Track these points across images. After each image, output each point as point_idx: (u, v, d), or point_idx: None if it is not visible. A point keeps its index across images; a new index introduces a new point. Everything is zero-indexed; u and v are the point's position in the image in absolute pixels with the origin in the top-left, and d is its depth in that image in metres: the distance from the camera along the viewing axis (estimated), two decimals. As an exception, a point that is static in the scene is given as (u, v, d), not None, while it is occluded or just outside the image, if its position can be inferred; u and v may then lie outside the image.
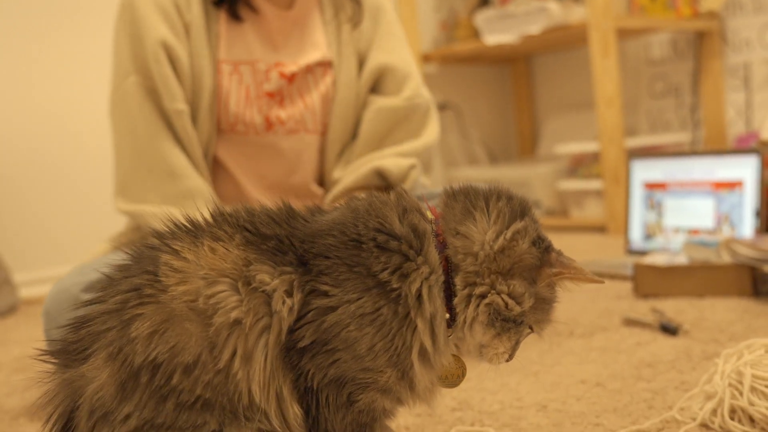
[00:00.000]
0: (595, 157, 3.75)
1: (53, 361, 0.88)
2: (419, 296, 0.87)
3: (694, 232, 2.58)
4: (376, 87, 1.86)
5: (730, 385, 1.18)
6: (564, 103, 4.54)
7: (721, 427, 1.17)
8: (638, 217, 2.73)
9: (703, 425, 1.20)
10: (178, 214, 1.63)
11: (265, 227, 0.89)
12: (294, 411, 0.84)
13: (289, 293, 0.85)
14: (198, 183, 1.67)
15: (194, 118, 1.72)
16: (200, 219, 0.91)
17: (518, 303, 0.90)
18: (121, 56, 1.72)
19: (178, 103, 1.68)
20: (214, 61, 1.72)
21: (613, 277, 2.46)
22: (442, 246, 0.91)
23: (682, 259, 2.18)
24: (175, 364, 0.81)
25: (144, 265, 0.87)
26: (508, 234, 0.91)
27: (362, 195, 0.96)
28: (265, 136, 1.76)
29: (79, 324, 0.88)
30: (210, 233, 0.88)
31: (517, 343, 0.93)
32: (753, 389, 1.15)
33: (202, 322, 0.83)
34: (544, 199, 4.05)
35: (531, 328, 0.93)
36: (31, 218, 3.21)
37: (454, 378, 0.98)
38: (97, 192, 3.18)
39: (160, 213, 1.65)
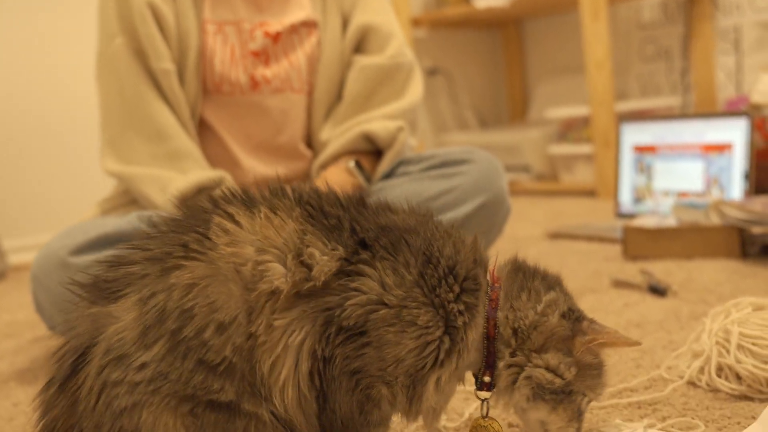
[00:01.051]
0: (585, 122, 3.74)
1: (82, 293, 0.86)
2: (468, 340, 0.88)
3: (683, 195, 2.58)
4: (359, 47, 1.86)
5: (717, 343, 1.19)
6: (555, 68, 4.52)
7: (708, 385, 1.18)
8: (628, 180, 2.73)
9: (690, 383, 1.21)
10: (166, 176, 1.63)
11: (329, 206, 0.89)
12: (290, 393, 0.83)
13: (337, 275, 0.85)
14: (186, 143, 1.67)
15: (181, 79, 1.71)
16: (257, 191, 0.91)
17: (558, 375, 0.91)
18: (107, 18, 1.70)
19: (164, 63, 1.67)
20: (199, 21, 1.71)
21: (602, 240, 2.47)
22: (494, 311, 0.92)
23: (671, 222, 2.19)
24: (211, 320, 0.80)
25: (194, 223, 0.86)
26: (539, 308, 0.92)
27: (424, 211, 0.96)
28: (250, 96, 1.76)
29: (117, 264, 0.87)
30: (268, 203, 0.88)
31: (580, 413, 0.93)
32: (740, 347, 1.16)
33: (245, 287, 0.82)
34: (535, 163, 4.05)
35: (585, 394, 0.94)
36: (20, 184, 3.19)
37: None
38: (86, 158, 3.16)
39: (149, 174, 1.64)
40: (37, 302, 1.61)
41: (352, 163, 1.73)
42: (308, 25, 1.82)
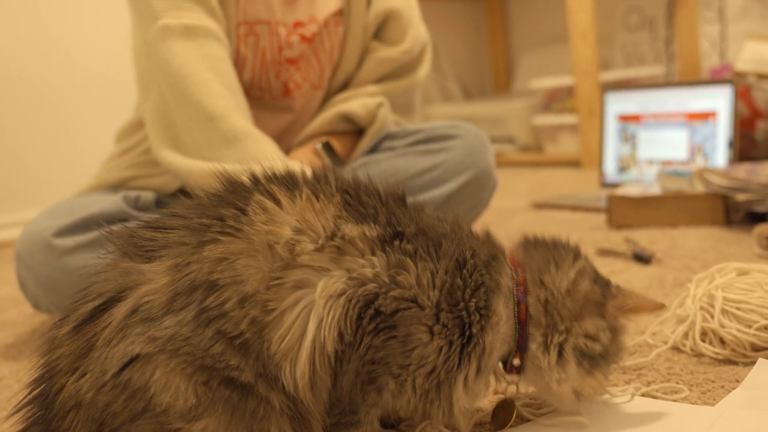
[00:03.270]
0: (569, 92, 3.74)
1: (116, 243, 0.86)
2: (484, 346, 0.88)
3: (667, 163, 2.58)
4: (379, 31, 1.83)
5: (701, 308, 1.20)
6: (539, 38, 4.50)
7: (692, 350, 1.18)
8: (612, 150, 2.73)
9: (675, 348, 1.21)
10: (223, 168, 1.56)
11: (367, 196, 0.89)
12: (303, 368, 0.82)
13: (372, 248, 0.85)
14: (239, 123, 1.53)
15: None
16: (300, 174, 0.90)
17: (596, 341, 0.92)
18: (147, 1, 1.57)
19: (215, 38, 1.57)
20: (231, 22, 1.64)
21: (587, 209, 2.48)
22: (524, 295, 0.92)
23: (655, 190, 2.19)
24: (234, 292, 0.80)
25: (234, 199, 0.86)
26: (572, 276, 0.94)
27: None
28: (280, 101, 1.73)
29: (156, 227, 0.86)
30: (310, 187, 0.87)
31: (606, 377, 0.95)
32: (724, 312, 1.17)
33: (274, 264, 0.81)
34: (519, 134, 4.05)
35: (614, 358, 0.96)
36: (5, 160, 3.16)
37: (501, 420, 0.99)
38: (74, 134, 3.14)
39: (208, 168, 1.53)
40: (21, 281, 1.60)
41: (319, 145, 1.69)
42: (336, 15, 1.76)
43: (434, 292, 0.85)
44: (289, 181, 0.88)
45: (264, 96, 1.72)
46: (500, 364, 0.94)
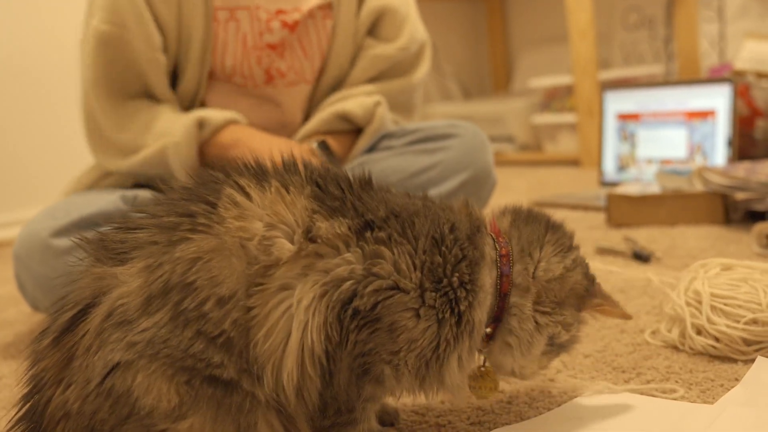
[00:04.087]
0: (568, 91, 3.74)
1: (88, 249, 0.86)
2: (473, 321, 0.88)
3: (666, 162, 2.58)
4: (373, 29, 1.80)
5: (688, 304, 1.19)
6: (538, 37, 4.50)
7: (690, 348, 1.18)
8: (611, 148, 2.73)
9: (673, 347, 1.21)
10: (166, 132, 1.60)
11: (334, 187, 0.88)
12: (292, 371, 0.82)
13: (346, 243, 0.84)
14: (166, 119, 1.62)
15: (180, 70, 1.66)
16: (270, 164, 0.90)
17: (568, 331, 0.95)
18: None
19: (155, 52, 1.61)
20: (209, 8, 1.63)
21: (586, 208, 2.48)
22: (507, 267, 0.92)
23: (654, 189, 2.19)
24: (211, 294, 0.79)
25: (204, 193, 0.85)
26: (567, 263, 0.95)
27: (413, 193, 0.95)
28: (263, 89, 1.71)
29: (126, 228, 0.86)
30: (280, 178, 0.86)
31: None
32: (713, 308, 1.17)
33: (249, 262, 0.81)
34: (518, 133, 4.04)
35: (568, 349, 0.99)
36: (4, 159, 3.15)
37: (485, 390, 1.00)
38: (71, 133, 3.13)
39: (153, 151, 1.61)
40: (20, 281, 1.60)
41: (314, 144, 1.68)
42: (324, 8, 1.73)
43: (416, 273, 0.85)
44: (260, 173, 0.88)
45: (247, 83, 1.70)
46: None
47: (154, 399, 0.78)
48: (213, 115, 1.60)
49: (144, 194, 1.65)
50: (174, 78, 1.69)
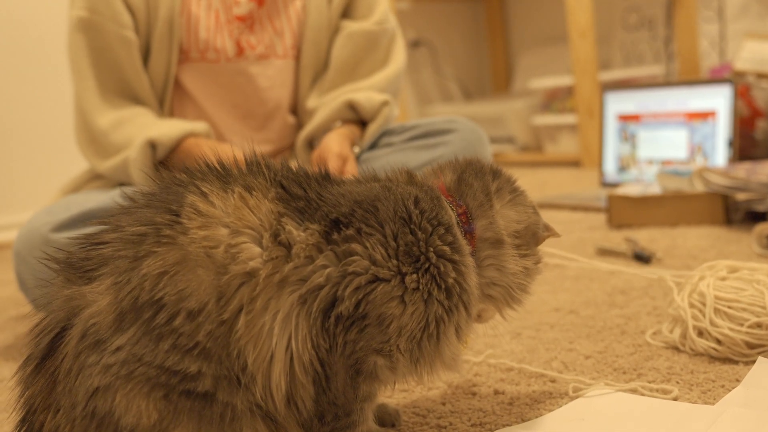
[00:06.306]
0: (569, 91, 3.74)
1: (57, 270, 0.86)
2: (466, 288, 0.89)
3: (667, 162, 2.58)
4: (346, 11, 1.85)
5: (692, 306, 1.19)
6: (538, 38, 4.50)
7: (691, 350, 1.18)
8: (612, 149, 2.73)
9: (674, 348, 1.21)
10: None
11: (296, 187, 0.87)
12: (279, 379, 0.82)
13: (319, 249, 0.84)
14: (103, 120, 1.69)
15: (151, 50, 1.69)
16: (234, 165, 0.89)
17: (528, 276, 0.97)
18: None
19: (126, 30, 1.67)
20: None
21: (587, 209, 2.48)
22: (468, 225, 0.93)
23: (655, 190, 2.19)
24: (180, 309, 0.79)
25: (168, 201, 0.84)
26: (527, 205, 0.98)
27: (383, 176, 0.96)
28: (236, 63, 1.74)
29: (90, 243, 0.85)
30: (243, 182, 0.85)
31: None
32: (716, 311, 1.16)
33: (217, 271, 0.80)
34: (519, 134, 4.04)
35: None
36: (2, 162, 3.15)
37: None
38: (69, 135, 3.13)
39: (121, 159, 1.65)
40: (20, 279, 1.60)
41: (339, 122, 1.73)
42: None
43: (392, 261, 0.85)
44: (223, 176, 0.87)
45: (220, 58, 1.74)
46: None
47: (134, 417, 0.78)
48: (166, 134, 1.62)
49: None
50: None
